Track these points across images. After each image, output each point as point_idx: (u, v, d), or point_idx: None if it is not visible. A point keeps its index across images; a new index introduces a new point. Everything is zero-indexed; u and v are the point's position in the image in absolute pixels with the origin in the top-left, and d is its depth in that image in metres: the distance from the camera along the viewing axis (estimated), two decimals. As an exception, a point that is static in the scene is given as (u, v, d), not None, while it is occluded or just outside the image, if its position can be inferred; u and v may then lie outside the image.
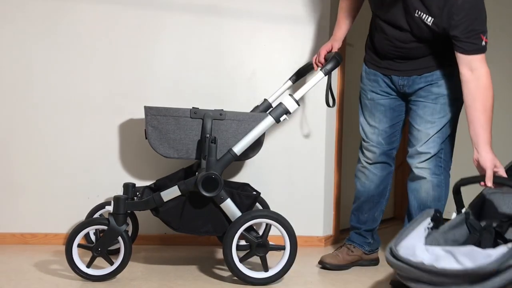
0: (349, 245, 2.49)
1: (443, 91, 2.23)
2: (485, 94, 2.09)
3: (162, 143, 2.23)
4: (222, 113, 2.21)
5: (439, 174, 2.27)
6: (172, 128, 2.22)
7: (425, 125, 2.25)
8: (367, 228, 2.48)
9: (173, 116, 2.21)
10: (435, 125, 2.24)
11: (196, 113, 2.21)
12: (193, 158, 2.23)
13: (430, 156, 2.25)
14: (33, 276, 2.21)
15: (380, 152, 2.40)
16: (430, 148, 2.25)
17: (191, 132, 2.22)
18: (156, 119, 2.22)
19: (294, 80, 2.57)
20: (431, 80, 2.24)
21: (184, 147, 2.22)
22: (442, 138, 2.25)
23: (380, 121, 2.38)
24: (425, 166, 2.26)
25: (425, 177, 2.26)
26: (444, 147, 2.27)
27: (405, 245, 1.64)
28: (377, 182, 2.44)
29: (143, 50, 2.73)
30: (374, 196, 2.45)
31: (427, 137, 2.25)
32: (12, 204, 2.70)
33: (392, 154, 2.43)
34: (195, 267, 2.41)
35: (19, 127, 2.69)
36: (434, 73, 2.24)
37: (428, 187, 2.27)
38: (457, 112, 2.27)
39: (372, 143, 2.40)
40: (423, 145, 2.25)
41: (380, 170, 2.43)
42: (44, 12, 2.67)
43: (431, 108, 2.24)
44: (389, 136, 2.39)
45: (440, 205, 2.28)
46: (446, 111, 2.23)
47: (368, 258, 2.51)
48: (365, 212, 2.47)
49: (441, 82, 2.23)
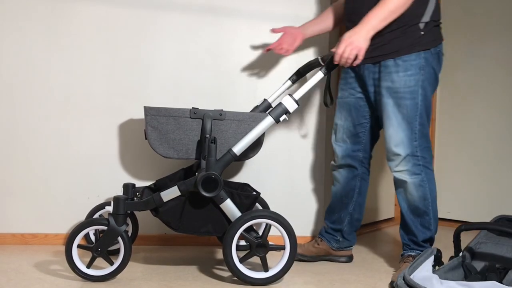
0: (318, 238, 2.58)
1: (393, 85, 2.23)
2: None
3: (162, 143, 2.23)
4: (222, 113, 2.21)
5: (419, 173, 2.26)
6: (172, 129, 2.22)
7: (389, 125, 2.26)
8: (335, 228, 2.54)
9: (173, 116, 2.21)
10: (403, 125, 2.24)
11: (196, 113, 2.21)
12: (192, 158, 2.23)
13: (403, 158, 2.25)
14: (33, 276, 2.21)
15: (343, 153, 2.45)
16: (400, 149, 2.25)
17: (191, 132, 2.22)
18: (156, 119, 2.22)
19: (294, 80, 2.57)
20: (383, 72, 2.25)
21: (184, 147, 2.22)
22: (411, 136, 2.24)
23: (346, 119, 2.43)
24: (402, 168, 2.27)
25: (406, 180, 2.27)
26: (418, 145, 2.25)
27: (419, 276, 1.70)
28: (343, 185, 2.50)
29: (143, 50, 2.73)
30: (342, 198, 2.51)
31: (394, 138, 2.25)
32: (12, 205, 2.70)
33: (357, 157, 2.45)
34: (195, 267, 2.41)
35: (19, 127, 2.69)
36: (383, 63, 2.24)
37: (411, 188, 2.27)
38: (423, 106, 2.24)
39: (337, 143, 2.47)
40: (394, 147, 2.26)
41: (346, 173, 2.48)
42: (44, 12, 2.67)
43: (386, 103, 2.25)
44: (353, 136, 2.42)
45: (427, 203, 2.29)
46: (404, 107, 2.23)
47: (337, 254, 2.55)
48: (336, 212, 2.54)
49: (389, 75, 2.23)
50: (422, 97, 2.22)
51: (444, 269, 1.91)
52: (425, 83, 2.22)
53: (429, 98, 2.25)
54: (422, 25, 2.21)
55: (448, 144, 3.53)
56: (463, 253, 2.00)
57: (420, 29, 2.21)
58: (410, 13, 2.18)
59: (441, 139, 3.56)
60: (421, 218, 2.30)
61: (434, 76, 2.27)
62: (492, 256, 2.01)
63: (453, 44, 3.49)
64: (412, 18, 2.20)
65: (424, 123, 2.26)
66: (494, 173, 3.35)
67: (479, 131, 3.41)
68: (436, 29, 2.28)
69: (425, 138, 2.27)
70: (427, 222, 2.30)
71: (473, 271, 1.94)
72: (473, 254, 2.04)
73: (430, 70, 2.23)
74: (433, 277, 1.73)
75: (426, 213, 2.29)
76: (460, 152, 3.49)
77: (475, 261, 2.02)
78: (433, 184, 2.30)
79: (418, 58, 2.21)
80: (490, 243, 2.08)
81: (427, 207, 2.29)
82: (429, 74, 2.23)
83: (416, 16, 2.20)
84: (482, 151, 3.40)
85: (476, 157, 3.42)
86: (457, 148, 3.50)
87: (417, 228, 2.31)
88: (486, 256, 2.02)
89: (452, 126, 3.51)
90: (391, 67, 2.23)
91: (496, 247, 2.04)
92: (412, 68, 2.21)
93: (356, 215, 2.54)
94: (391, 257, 2.60)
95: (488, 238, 2.12)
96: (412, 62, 2.21)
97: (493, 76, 3.37)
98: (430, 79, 2.24)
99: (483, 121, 3.39)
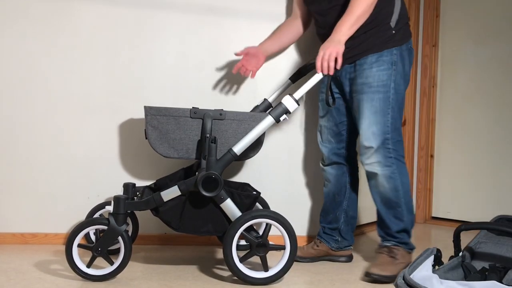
0: (317, 240, 2.59)
1: (367, 80, 2.30)
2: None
3: (162, 143, 2.23)
4: (222, 113, 2.21)
5: (390, 165, 2.31)
6: (172, 128, 2.22)
7: (362, 119, 2.32)
8: (332, 227, 2.56)
9: (173, 116, 2.21)
10: (372, 118, 2.30)
11: (196, 113, 2.21)
12: (193, 158, 2.24)
13: (375, 150, 2.30)
14: (33, 276, 2.21)
15: (329, 152, 2.51)
16: (372, 142, 2.30)
17: (191, 132, 2.22)
18: (156, 119, 2.22)
19: (294, 79, 2.57)
20: (358, 71, 2.33)
21: (184, 146, 2.22)
22: (383, 129, 2.30)
23: (328, 120, 2.49)
24: (374, 160, 2.32)
25: (377, 172, 2.32)
26: (390, 137, 2.31)
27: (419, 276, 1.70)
28: (334, 182, 2.54)
29: (143, 50, 2.73)
30: (335, 196, 2.55)
31: (367, 131, 2.31)
32: (12, 204, 2.70)
33: (342, 154, 2.51)
34: (195, 267, 2.41)
35: (19, 127, 2.69)
36: (358, 62, 2.33)
37: (382, 180, 2.33)
38: (395, 100, 2.31)
39: (323, 143, 2.53)
40: (365, 140, 2.32)
41: (335, 171, 2.53)
42: (44, 12, 2.67)
43: (360, 99, 2.32)
44: (337, 135, 2.49)
45: (399, 195, 2.34)
46: (377, 100, 2.29)
47: (337, 254, 2.56)
48: (330, 212, 2.57)
49: (363, 72, 2.31)
50: (394, 91, 2.30)
51: (444, 269, 1.91)
52: (397, 78, 2.31)
53: (401, 92, 2.33)
54: (393, 24, 2.31)
55: (448, 144, 3.53)
56: (463, 253, 2.00)
57: (391, 27, 2.31)
58: (380, 14, 2.28)
59: (441, 139, 3.56)
60: (393, 210, 2.36)
61: (406, 71, 2.36)
62: (492, 255, 2.01)
63: (453, 44, 3.50)
64: (383, 18, 2.29)
65: (396, 117, 2.33)
66: (494, 173, 3.35)
67: (479, 131, 3.41)
68: (406, 26, 2.37)
69: (397, 132, 2.34)
70: (400, 213, 2.36)
71: (472, 271, 1.94)
72: (473, 253, 2.04)
73: (402, 66, 2.32)
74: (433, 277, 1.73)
75: (398, 204, 2.35)
76: (460, 152, 3.49)
77: (475, 261, 2.02)
78: (405, 176, 2.35)
79: (390, 54, 2.30)
80: (490, 243, 2.08)
81: (399, 199, 2.34)
82: (401, 69, 2.32)
83: (387, 16, 2.30)
84: (482, 151, 3.40)
85: (476, 157, 3.42)
86: (457, 148, 3.51)
87: (390, 220, 2.37)
88: (486, 255, 2.02)
89: (452, 126, 3.51)
90: (365, 65, 2.32)
91: (496, 246, 2.05)
92: (384, 64, 2.29)
93: (351, 212, 2.57)
94: (391, 257, 2.60)
95: (488, 238, 2.12)
96: (384, 58, 2.29)
97: (493, 76, 3.37)
98: (402, 74, 2.33)
99: (483, 121, 3.39)
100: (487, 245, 2.07)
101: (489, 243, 2.07)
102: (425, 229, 3.43)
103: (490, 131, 3.37)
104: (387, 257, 2.35)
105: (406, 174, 2.36)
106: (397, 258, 2.33)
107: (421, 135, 3.58)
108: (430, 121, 3.56)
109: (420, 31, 3.56)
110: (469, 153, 3.46)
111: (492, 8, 3.37)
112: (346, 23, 2.20)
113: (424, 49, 3.54)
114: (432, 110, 3.56)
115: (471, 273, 1.92)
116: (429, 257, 1.87)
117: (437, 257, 1.90)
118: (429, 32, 3.53)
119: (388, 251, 2.37)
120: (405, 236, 2.38)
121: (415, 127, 3.59)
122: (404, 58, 2.33)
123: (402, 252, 2.36)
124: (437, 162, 3.57)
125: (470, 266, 1.96)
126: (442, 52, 3.53)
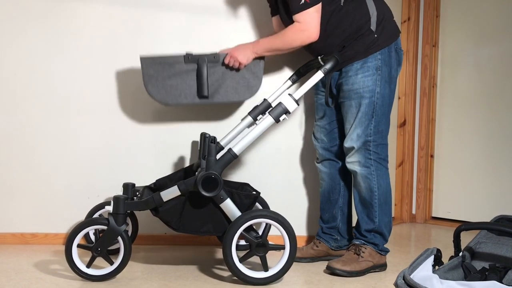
0: (316, 240, 2.60)
1: (353, 87, 2.35)
2: (294, 35, 2.30)
3: (159, 91, 2.26)
4: (216, 56, 2.25)
5: (368, 166, 2.37)
6: (168, 75, 2.24)
7: (348, 123, 2.39)
8: (330, 226, 2.58)
9: (168, 63, 2.25)
10: (359, 121, 2.35)
11: (190, 58, 2.24)
12: (190, 103, 2.26)
13: (355, 150, 2.37)
14: (33, 276, 2.22)
15: (323, 149, 2.55)
16: (354, 143, 2.37)
17: (187, 77, 2.24)
18: (152, 67, 2.24)
19: (294, 80, 2.57)
20: (344, 78, 2.38)
21: (182, 92, 2.25)
22: (366, 131, 2.35)
23: (321, 118, 2.53)
24: (354, 159, 2.39)
25: (356, 171, 2.39)
26: (372, 140, 2.37)
27: (419, 276, 1.71)
28: (328, 180, 2.57)
29: (143, 50, 2.73)
30: (330, 194, 2.58)
31: (353, 134, 2.37)
32: (12, 204, 2.70)
33: (334, 151, 2.55)
34: (195, 267, 2.41)
35: (18, 127, 2.69)
36: (344, 70, 2.38)
37: (359, 179, 2.39)
38: (380, 104, 2.35)
39: (318, 142, 2.57)
40: (348, 141, 2.39)
41: (328, 167, 2.57)
42: (44, 12, 2.67)
43: (348, 105, 2.38)
44: (329, 133, 2.53)
45: (373, 196, 2.40)
46: (362, 105, 2.34)
47: (336, 254, 2.56)
48: (327, 211, 2.59)
49: (349, 79, 2.36)
50: (379, 95, 2.35)
51: (444, 269, 1.91)
52: (382, 82, 2.35)
53: (386, 96, 2.38)
54: (373, 27, 2.33)
55: (448, 144, 3.53)
56: (463, 253, 2.00)
57: (373, 32, 2.33)
58: (357, 22, 2.31)
59: (441, 139, 3.56)
60: (367, 209, 2.42)
61: (393, 74, 2.39)
62: (492, 255, 2.01)
63: (453, 44, 3.49)
64: (362, 25, 2.32)
65: (380, 121, 2.38)
66: (494, 173, 3.35)
67: (479, 131, 3.41)
68: (389, 25, 2.39)
69: (381, 135, 2.39)
70: (372, 214, 2.41)
71: (473, 271, 1.94)
72: (473, 253, 2.04)
73: (387, 69, 2.36)
74: (433, 277, 1.73)
75: (372, 205, 2.40)
76: (460, 152, 3.49)
77: (475, 261, 2.02)
78: (382, 179, 2.40)
79: (375, 59, 2.34)
80: (490, 243, 2.08)
81: (373, 200, 2.39)
82: (387, 73, 2.36)
83: (365, 22, 2.32)
84: (482, 151, 3.39)
85: (476, 157, 3.42)
86: (457, 148, 3.50)
87: (362, 218, 2.43)
88: (486, 255, 2.02)
89: (452, 126, 3.51)
90: (350, 72, 2.36)
91: (496, 246, 2.05)
92: (369, 70, 2.34)
93: (347, 210, 2.59)
94: (390, 256, 2.60)
95: (488, 238, 2.12)
96: (369, 64, 2.34)
97: (493, 76, 3.37)
98: (388, 78, 2.37)
99: (483, 121, 3.39)
100: (487, 245, 2.07)
101: (489, 243, 2.07)
102: (425, 229, 3.43)
103: (490, 131, 3.37)
104: (353, 254, 2.40)
105: (384, 177, 2.41)
106: (363, 256, 2.37)
107: (421, 135, 3.58)
108: (430, 121, 3.55)
109: (420, 31, 3.55)
110: (469, 153, 3.46)
111: (492, 8, 3.37)
112: (266, 44, 2.37)
113: (424, 49, 3.54)
114: (432, 110, 3.56)
115: (471, 273, 1.92)
116: (429, 257, 1.87)
117: (437, 257, 1.90)
118: (429, 32, 3.52)
119: (355, 248, 2.42)
120: (375, 237, 2.42)
121: (415, 127, 3.58)
122: (391, 60, 2.37)
123: (370, 251, 2.40)
124: (437, 162, 3.56)
125: (470, 266, 1.96)
126: (442, 52, 3.53)
